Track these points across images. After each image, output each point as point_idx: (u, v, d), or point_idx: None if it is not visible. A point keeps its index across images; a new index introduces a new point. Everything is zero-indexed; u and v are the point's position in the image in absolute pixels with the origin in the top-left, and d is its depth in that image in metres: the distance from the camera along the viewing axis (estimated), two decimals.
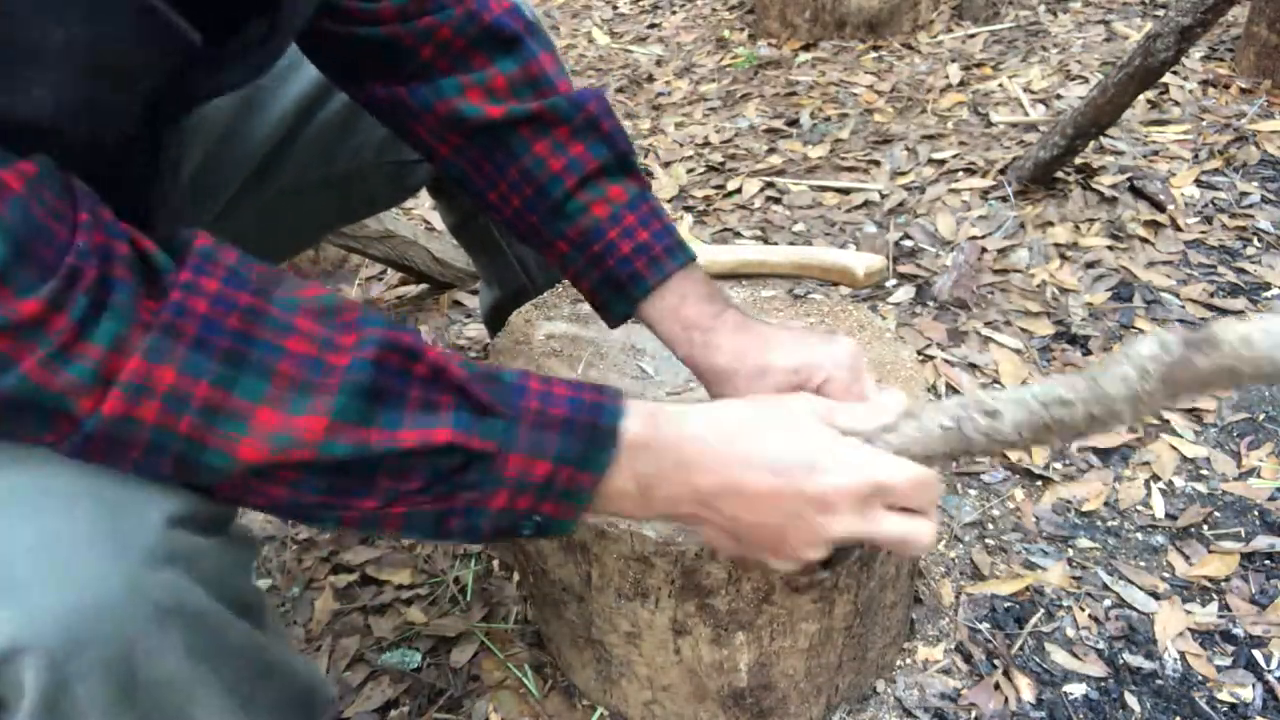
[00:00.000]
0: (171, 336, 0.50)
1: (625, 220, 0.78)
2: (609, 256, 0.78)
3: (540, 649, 1.12)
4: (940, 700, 1.02)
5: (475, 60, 0.78)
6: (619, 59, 3.00)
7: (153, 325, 0.49)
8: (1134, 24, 2.72)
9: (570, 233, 0.79)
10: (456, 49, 0.78)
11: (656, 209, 0.80)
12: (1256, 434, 1.34)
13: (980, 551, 1.19)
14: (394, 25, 0.76)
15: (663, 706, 0.97)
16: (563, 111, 0.78)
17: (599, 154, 0.78)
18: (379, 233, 1.71)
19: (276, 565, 1.29)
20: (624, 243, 0.78)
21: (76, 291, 0.48)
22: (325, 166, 1.01)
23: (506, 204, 0.81)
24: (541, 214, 0.79)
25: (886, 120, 2.34)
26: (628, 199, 0.79)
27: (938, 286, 1.69)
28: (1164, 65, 1.61)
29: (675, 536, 0.80)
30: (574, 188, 0.78)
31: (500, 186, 0.80)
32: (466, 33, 0.78)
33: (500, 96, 0.78)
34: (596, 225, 0.78)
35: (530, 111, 0.78)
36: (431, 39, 0.77)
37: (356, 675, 1.12)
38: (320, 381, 0.53)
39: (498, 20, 0.78)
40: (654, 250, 0.78)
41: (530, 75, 0.79)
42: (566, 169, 0.78)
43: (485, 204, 0.83)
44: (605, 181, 0.79)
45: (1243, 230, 1.77)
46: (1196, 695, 1.01)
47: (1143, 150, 2.03)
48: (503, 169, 0.79)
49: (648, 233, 0.78)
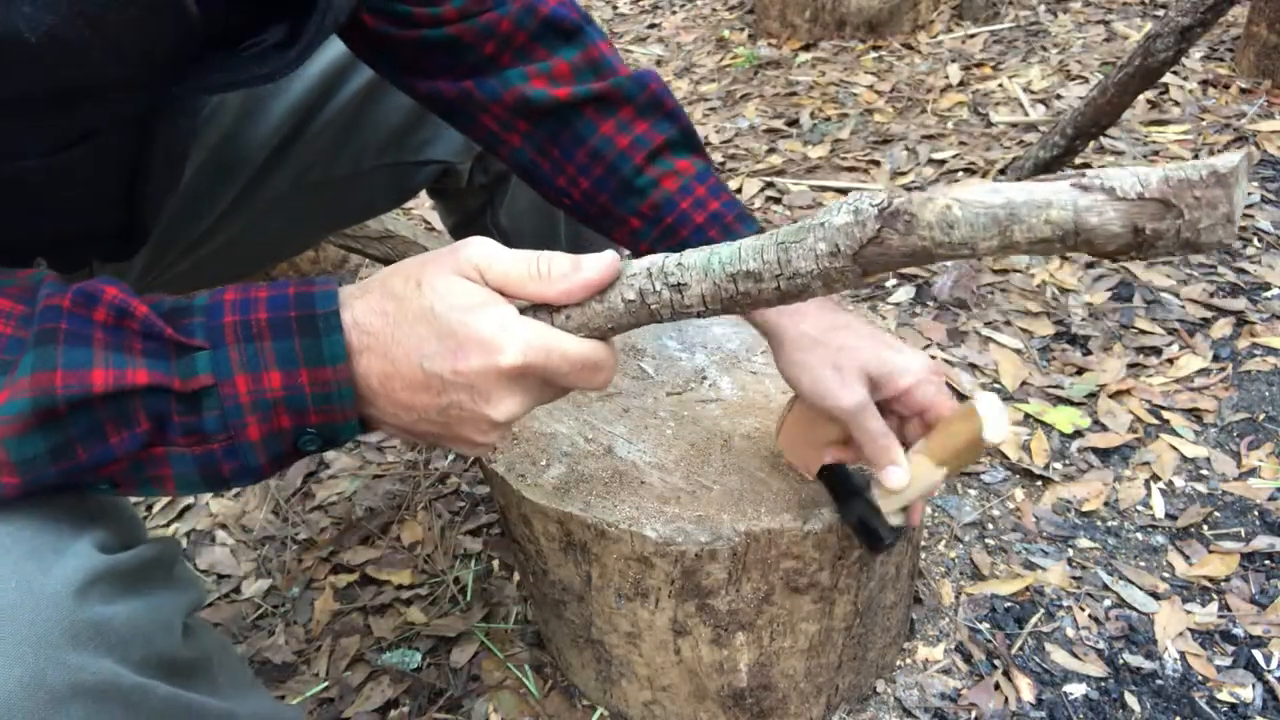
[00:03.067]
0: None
1: (696, 192, 0.79)
2: (682, 227, 0.78)
3: (540, 649, 1.12)
4: (940, 700, 1.02)
5: (537, 51, 0.80)
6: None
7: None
8: (1134, 24, 2.72)
9: (642, 208, 0.80)
10: (519, 42, 0.80)
11: (723, 182, 0.81)
12: (1256, 434, 1.34)
13: (980, 551, 1.19)
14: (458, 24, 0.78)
15: (663, 707, 0.97)
16: (626, 91, 0.80)
17: (664, 130, 0.80)
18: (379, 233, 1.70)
19: (276, 565, 1.29)
20: (696, 213, 0.78)
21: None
22: (326, 168, 1.02)
23: (576, 186, 0.81)
24: (612, 192, 0.80)
25: (886, 120, 2.34)
26: (695, 171, 0.80)
27: (938, 286, 1.69)
28: (1164, 65, 1.60)
29: (675, 537, 0.80)
30: (643, 163, 0.79)
31: (568, 169, 0.81)
32: (526, 25, 0.79)
33: (564, 81, 0.80)
34: (668, 198, 0.79)
35: (595, 92, 0.79)
36: (494, 34, 0.79)
37: (356, 675, 1.12)
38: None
39: (555, 11, 0.80)
40: (726, 219, 0.79)
41: (591, 60, 0.81)
42: (634, 145, 0.79)
43: (555, 190, 0.84)
44: (672, 156, 0.80)
45: (1243, 230, 1.77)
46: (1196, 695, 1.01)
47: (1143, 150, 2.03)
48: (571, 151, 0.80)
49: (718, 203, 0.79)
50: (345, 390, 0.55)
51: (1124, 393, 1.42)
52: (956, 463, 0.75)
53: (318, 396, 0.54)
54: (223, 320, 0.53)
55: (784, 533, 0.80)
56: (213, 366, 0.53)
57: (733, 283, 0.54)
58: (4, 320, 0.51)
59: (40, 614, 0.49)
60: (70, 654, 0.49)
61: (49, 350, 0.50)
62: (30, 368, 0.49)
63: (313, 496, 1.41)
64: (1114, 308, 1.61)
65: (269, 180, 0.99)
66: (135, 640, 0.54)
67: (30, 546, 0.51)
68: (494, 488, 0.93)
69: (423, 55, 0.80)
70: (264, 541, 1.34)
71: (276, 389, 0.53)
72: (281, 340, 0.53)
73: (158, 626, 0.57)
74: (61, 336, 0.50)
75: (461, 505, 1.36)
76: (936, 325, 1.60)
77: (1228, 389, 1.42)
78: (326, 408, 0.55)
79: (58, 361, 0.50)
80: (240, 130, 0.96)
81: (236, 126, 0.95)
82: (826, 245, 0.50)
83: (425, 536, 1.31)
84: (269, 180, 0.99)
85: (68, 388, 0.50)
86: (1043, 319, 1.59)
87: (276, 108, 0.96)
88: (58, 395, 0.49)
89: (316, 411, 0.55)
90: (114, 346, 0.51)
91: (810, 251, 0.51)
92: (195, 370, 0.52)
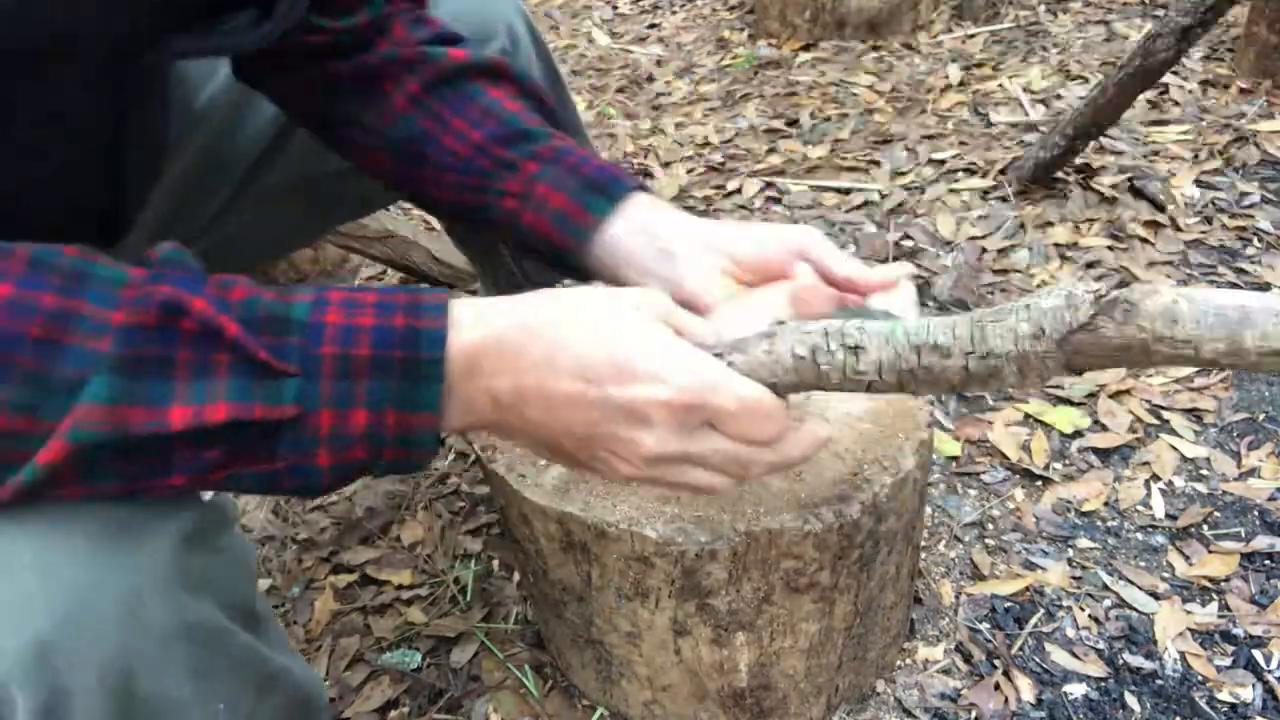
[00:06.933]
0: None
1: (588, 151, 0.81)
2: (583, 166, 0.78)
3: (540, 649, 1.12)
4: (940, 700, 1.02)
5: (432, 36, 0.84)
6: (619, 59, 2.99)
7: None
8: (1134, 24, 2.72)
9: (539, 150, 0.79)
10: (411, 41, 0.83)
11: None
12: (1256, 434, 1.34)
13: (980, 551, 1.19)
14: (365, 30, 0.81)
15: (663, 707, 0.97)
16: (518, 73, 0.84)
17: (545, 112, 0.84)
18: (379, 233, 1.71)
19: (276, 565, 1.29)
20: (594, 159, 0.79)
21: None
22: (321, 162, 1.02)
23: (465, 142, 0.79)
24: (506, 140, 0.79)
25: (886, 120, 2.34)
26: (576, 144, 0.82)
27: (938, 287, 1.69)
28: (1164, 65, 1.60)
29: (675, 537, 0.80)
30: (536, 122, 0.80)
31: (456, 125, 0.80)
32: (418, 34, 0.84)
33: (460, 46, 0.83)
34: (566, 147, 0.79)
35: (487, 63, 0.82)
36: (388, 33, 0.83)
37: (356, 675, 1.12)
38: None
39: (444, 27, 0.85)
40: (621, 169, 0.80)
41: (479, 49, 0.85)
42: (525, 110, 0.81)
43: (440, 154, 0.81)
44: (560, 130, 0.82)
45: (1243, 230, 1.77)
46: (1196, 695, 1.01)
47: (1143, 150, 2.03)
48: (460, 108, 0.80)
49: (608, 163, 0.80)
50: (428, 438, 0.53)
51: (1124, 393, 1.42)
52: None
53: (399, 439, 0.53)
54: (321, 350, 0.51)
55: (784, 533, 0.80)
56: (300, 398, 0.50)
57: (916, 354, 0.50)
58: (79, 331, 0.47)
59: (148, 558, 0.51)
60: (176, 593, 0.52)
61: (126, 382, 0.47)
62: (105, 397, 0.47)
63: None
64: None
65: (264, 175, 0.99)
66: (225, 587, 0.56)
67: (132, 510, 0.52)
68: (494, 488, 0.93)
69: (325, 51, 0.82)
70: (264, 541, 1.34)
71: (360, 425, 0.52)
72: (378, 380, 0.51)
73: (240, 576, 0.59)
74: (145, 365, 0.48)
75: (461, 505, 1.36)
76: None
77: (1228, 389, 1.42)
78: (405, 450, 0.53)
79: (138, 395, 0.48)
80: (233, 125, 0.96)
81: (229, 121, 0.96)
82: (1030, 326, 0.46)
83: (425, 536, 1.31)
84: (264, 175, 0.99)
85: (147, 425, 0.48)
86: None
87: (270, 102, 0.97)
88: (131, 433, 0.48)
89: (393, 449, 0.53)
90: (197, 369, 0.49)
91: (1010, 331, 0.46)
92: (282, 399, 0.50)
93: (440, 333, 0.53)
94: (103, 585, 0.49)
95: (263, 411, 0.50)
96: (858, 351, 0.51)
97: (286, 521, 1.37)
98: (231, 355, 0.49)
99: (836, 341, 0.52)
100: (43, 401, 0.46)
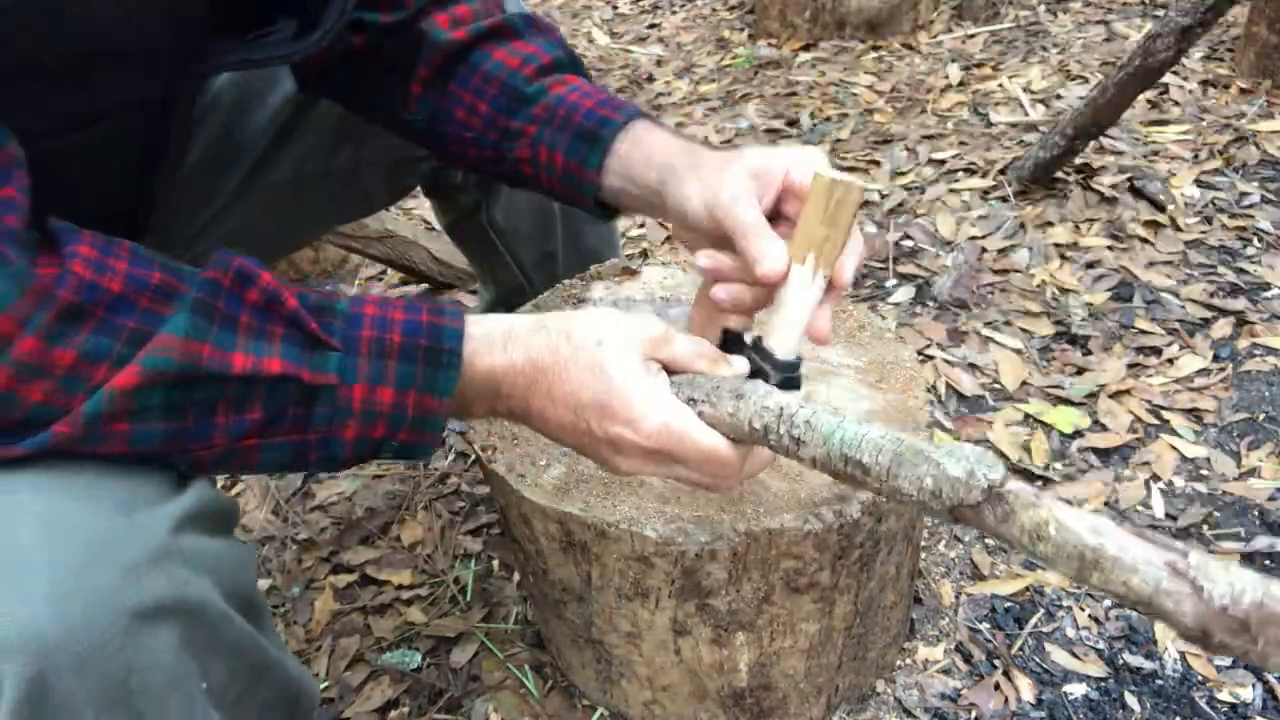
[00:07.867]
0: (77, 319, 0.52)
1: (584, 89, 0.84)
2: (574, 114, 0.81)
3: (540, 649, 1.12)
4: (940, 700, 1.02)
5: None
6: (619, 59, 3.00)
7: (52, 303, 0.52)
8: (1134, 24, 2.72)
9: (535, 111, 0.83)
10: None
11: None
12: (1256, 434, 1.34)
13: (980, 551, 1.19)
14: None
15: (663, 707, 0.97)
16: (514, 23, 0.86)
17: (551, 50, 0.86)
18: (379, 233, 1.71)
19: (276, 565, 1.29)
20: (585, 101, 0.82)
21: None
22: (324, 160, 1.02)
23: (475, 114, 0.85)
24: (507, 108, 0.84)
25: (886, 120, 2.34)
26: (580, 82, 0.85)
27: (938, 286, 1.69)
28: (1164, 65, 1.60)
29: (675, 537, 0.80)
30: (532, 75, 0.84)
31: (465, 98, 0.85)
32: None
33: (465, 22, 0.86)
34: (559, 98, 0.82)
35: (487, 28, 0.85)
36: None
37: (356, 675, 1.12)
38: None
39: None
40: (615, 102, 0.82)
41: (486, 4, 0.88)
42: (524, 63, 0.84)
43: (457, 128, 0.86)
44: (559, 72, 0.85)
45: (1243, 230, 1.77)
46: (1196, 695, 1.01)
47: (1143, 150, 2.03)
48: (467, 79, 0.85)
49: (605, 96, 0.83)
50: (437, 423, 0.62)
51: (1124, 393, 1.42)
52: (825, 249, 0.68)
53: (416, 420, 0.61)
54: (360, 334, 0.60)
55: (784, 533, 0.80)
56: (340, 369, 0.58)
57: (843, 463, 0.57)
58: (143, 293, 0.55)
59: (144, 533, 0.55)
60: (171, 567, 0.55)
61: (204, 322, 0.55)
62: (183, 330, 0.54)
63: (313, 496, 1.41)
64: (1114, 308, 1.61)
65: (268, 171, 1.00)
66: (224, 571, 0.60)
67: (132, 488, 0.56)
68: (494, 488, 0.93)
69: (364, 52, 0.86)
70: (264, 541, 1.34)
71: (386, 403, 0.60)
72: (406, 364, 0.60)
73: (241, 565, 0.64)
74: (217, 315, 0.56)
75: (461, 505, 1.36)
76: (937, 325, 1.59)
77: (1228, 389, 1.42)
78: (418, 431, 0.61)
79: (209, 335, 0.55)
80: (239, 120, 0.97)
81: (235, 116, 0.96)
82: (932, 484, 0.52)
83: (425, 536, 1.31)
84: (268, 171, 1.00)
85: (212, 361, 0.55)
86: (1043, 319, 1.59)
87: (274, 97, 0.98)
88: (201, 365, 0.54)
89: (409, 431, 0.61)
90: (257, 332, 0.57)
91: (918, 481, 0.53)
92: (326, 367, 0.58)
93: (458, 330, 0.61)
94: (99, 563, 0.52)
95: (310, 376, 0.57)
96: (799, 444, 0.59)
97: (286, 521, 1.37)
98: (286, 328, 0.57)
99: (786, 428, 0.60)
100: (132, 355, 0.53)
